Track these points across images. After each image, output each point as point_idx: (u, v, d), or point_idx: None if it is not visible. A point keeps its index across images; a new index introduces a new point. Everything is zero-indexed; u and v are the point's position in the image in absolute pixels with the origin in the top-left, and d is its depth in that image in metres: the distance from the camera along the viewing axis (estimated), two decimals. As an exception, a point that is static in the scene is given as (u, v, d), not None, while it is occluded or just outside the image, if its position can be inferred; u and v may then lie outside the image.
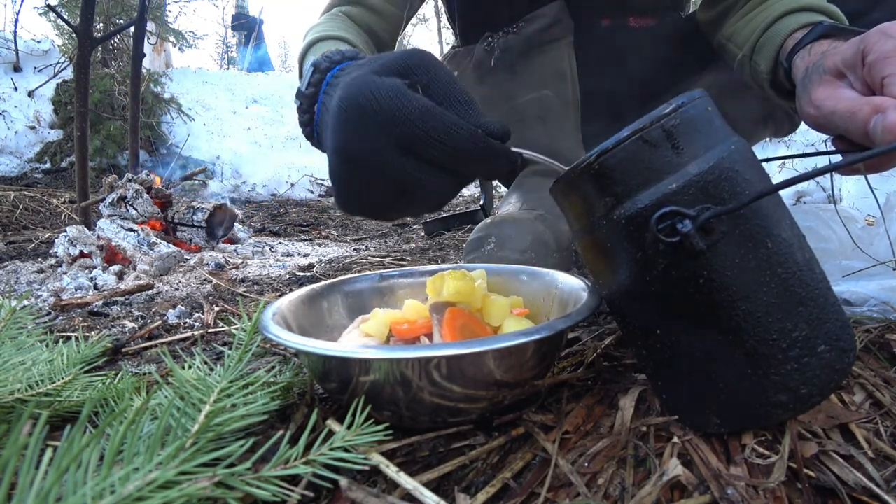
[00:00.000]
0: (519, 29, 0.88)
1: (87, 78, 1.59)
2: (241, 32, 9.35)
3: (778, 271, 0.35)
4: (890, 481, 0.33)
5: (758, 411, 0.36)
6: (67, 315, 0.89)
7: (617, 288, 0.40)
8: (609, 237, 0.38)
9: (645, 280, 0.37)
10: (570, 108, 0.94)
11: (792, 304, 0.35)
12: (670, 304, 0.37)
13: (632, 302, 0.39)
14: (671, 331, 0.37)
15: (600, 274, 0.42)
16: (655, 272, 0.36)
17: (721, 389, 0.36)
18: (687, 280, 0.35)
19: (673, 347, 0.38)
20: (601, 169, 0.37)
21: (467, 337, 0.46)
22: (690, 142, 0.35)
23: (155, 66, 5.30)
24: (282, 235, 2.03)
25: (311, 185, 4.07)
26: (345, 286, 0.62)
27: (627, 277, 0.38)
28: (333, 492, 0.35)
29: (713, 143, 0.36)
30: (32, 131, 3.91)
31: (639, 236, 0.36)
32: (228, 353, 0.44)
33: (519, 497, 0.34)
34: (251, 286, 1.08)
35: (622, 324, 0.43)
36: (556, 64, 0.91)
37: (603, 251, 0.40)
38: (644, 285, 0.37)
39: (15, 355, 0.47)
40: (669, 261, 0.35)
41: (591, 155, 0.37)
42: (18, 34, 4.31)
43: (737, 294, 0.34)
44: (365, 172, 0.41)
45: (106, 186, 1.50)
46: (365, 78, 0.40)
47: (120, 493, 0.25)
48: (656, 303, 0.37)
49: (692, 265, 0.34)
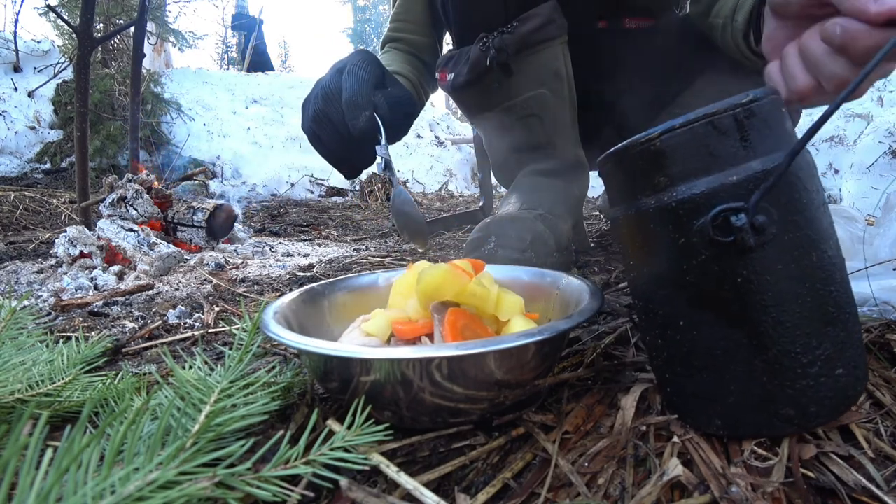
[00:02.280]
0: (513, 29, 0.88)
1: (87, 78, 1.59)
2: (241, 32, 9.35)
3: (817, 286, 0.34)
4: (890, 481, 0.33)
5: (762, 420, 0.36)
6: (67, 315, 0.89)
7: (648, 272, 0.39)
8: (653, 217, 0.37)
9: (681, 268, 0.36)
10: (567, 105, 0.94)
11: (822, 322, 0.34)
12: (701, 297, 0.36)
13: (661, 288, 0.38)
14: (695, 324, 0.37)
15: (633, 255, 0.41)
16: (694, 262, 0.35)
17: (731, 392, 0.36)
18: (725, 275, 0.34)
19: (692, 342, 0.37)
20: (663, 147, 0.36)
21: (469, 338, 0.46)
22: (759, 137, 0.34)
23: (155, 66, 5.29)
24: (282, 235, 2.03)
25: (311, 185, 4.07)
26: (345, 286, 0.62)
27: (663, 262, 0.37)
28: (334, 492, 0.35)
29: (781, 144, 0.35)
30: (32, 131, 3.90)
31: (686, 222, 0.35)
32: (229, 354, 0.44)
33: (519, 497, 0.34)
34: (251, 286, 1.08)
35: (643, 309, 0.42)
36: (552, 63, 0.91)
37: (643, 231, 0.38)
38: (679, 273, 0.36)
39: (15, 355, 0.47)
40: (712, 253, 0.34)
41: (655, 131, 0.36)
42: (18, 34, 4.31)
43: (772, 300, 0.34)
44: (304, 121, 0.78)
45: (106, 186, 1.50)
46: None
47: (120, 493, 0.25)
48: (687, 293, 0.36)
49: (735, 262, 0.34)
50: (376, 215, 2.68)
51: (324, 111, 0.75)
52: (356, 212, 2.83)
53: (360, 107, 0.70)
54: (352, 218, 2.56)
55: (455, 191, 4.59)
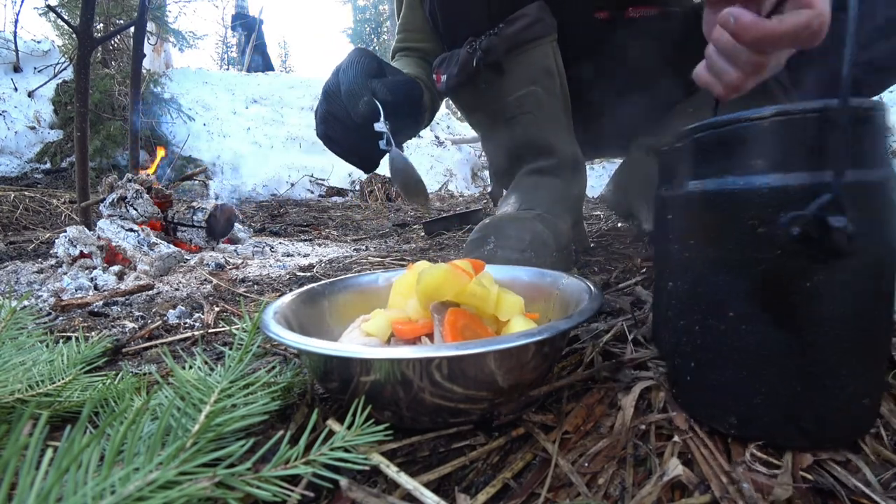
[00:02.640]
0: (500, 30, 0.89)
1: (87, 78, 1.59)
2: (241, 32, 9.36)
3: (883, 313, 0.33)
4: (888, 484, 0.33)
5: (779, 427, 0.35)
6: (67, 315, 0.89)
7: (710, 254, 0.38)
8: (738, 198, 0.35)
9: (752, 257, 0.34)
10: (560, 102, 0.94)
11: (872, 349, 0.34)
12: (763, 292, 0.35)
13: (719, 274, 0.37)
14: (745, 317, 0.35)
15: (696, 234, 0.39)
16: (769, 255, 0.34)
17: (759, 392, 0.35)
18: (795, 275, 0.33)
19: (737, 334, 0.36)
20: (772, 128, 0.34)
21: (469, 338, 0.46)
22: (871, 145, 0.33)
23: (155, 66, 5.30)
24: (282, 235, 2.03)
25: (311, 185, 4.07)
26: (345, 286, 0.62)
27: (732, 248, 0.36)
28: (334, 492, 0.35)
29: (883, 158, 0.34)
30: (32, 132, 3.90)
31: (773, 212, 0.33)
32: (229, 354, 0.44)
33: (519, 497, 0.34)
34: (251, 286, 1.08)
35: (688, 293, 0.40)
36: (542, 61, 0.91)
37: (719, 211, 0.37)
38: (747, 262, 0.35)
39: (15, 356, 0.47)
40: (793, 249, 0.32)
41: (769, 110, 0.34)
42: (18, 34, 4.31)
43: (835, 313, 0.33)
44: (317, 127, 0.84)
45: (106, 187, 1.50)
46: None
47: (120, 493, 0.25)
48: (749, 284, 0.35)
49: (810, 264, 0.32)
50: (376, 215, 2.68)
51: (328, 111, 0.79)
52: (356, 212, 2.83)
53: (358, 94, 0.74)
54: (352, 218, 2.56)
55: (455, 191, 4.59)
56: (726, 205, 0.36)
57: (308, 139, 4.86)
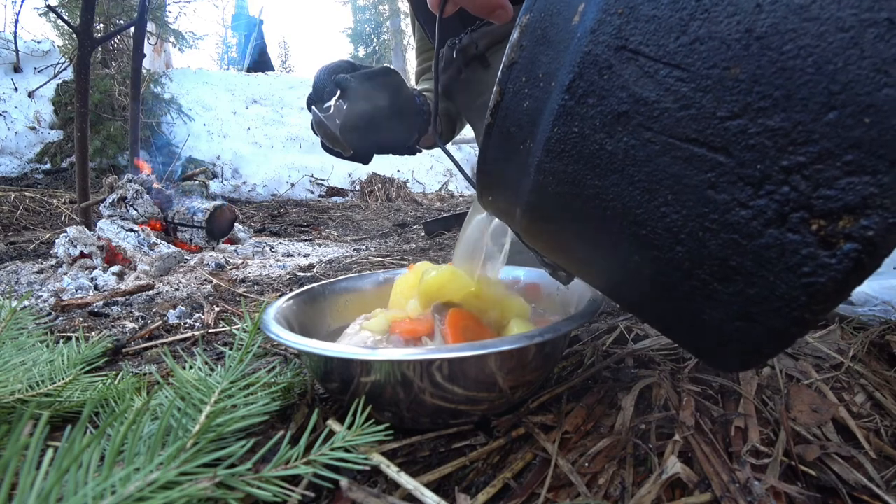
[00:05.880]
0: (476, 27, 0.91)
1: (87, 78, 1.59)
2: (240, 32, 9.36)
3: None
4: (890, 481, 0.33)
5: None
6: (68, 315, 0.89)
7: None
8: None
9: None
10: None
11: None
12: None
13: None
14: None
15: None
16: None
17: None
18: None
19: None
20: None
21: (470, 339, 0.46)
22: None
23: (155, 66, 5.30)
24: (282, 235, 2.03)
25: (311, 185, 4.07)
26: (345, 286, 0.62)
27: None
28: (334, 492, 0.35)
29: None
30: (32, 132, 3.91)
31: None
32: (229, 354, 0.44)
33: (519, 497, 0.34)
34: (251, 286, 1.08)
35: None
36: None
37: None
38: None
39: (15, 356, 0.47)
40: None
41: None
42: (18, 35, 4.31)
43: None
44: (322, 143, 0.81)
45: (106, 187, 1.50)
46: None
47: (121, 493, 0.25)
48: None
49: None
50: (376, 215, 2.68)
51: (315, 121, 0.81)
52: (356, 212, 2.83)
53: (321, 87, 0.77)
54: (352, 218, 2.56)
55: (455, 191, 4.59)
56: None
57: (308, 139, 4.86)
